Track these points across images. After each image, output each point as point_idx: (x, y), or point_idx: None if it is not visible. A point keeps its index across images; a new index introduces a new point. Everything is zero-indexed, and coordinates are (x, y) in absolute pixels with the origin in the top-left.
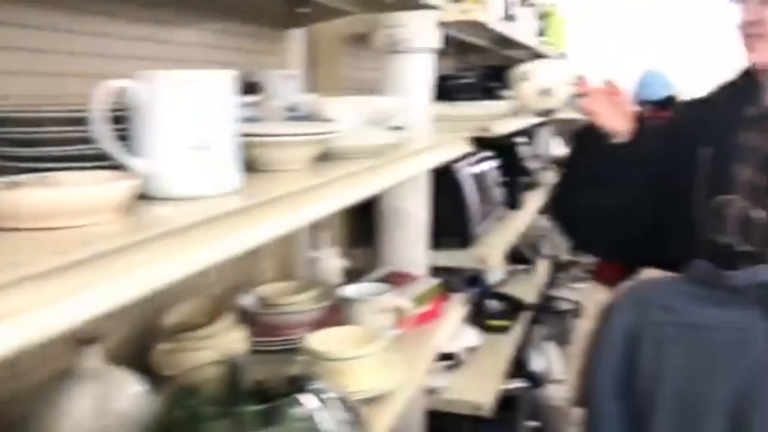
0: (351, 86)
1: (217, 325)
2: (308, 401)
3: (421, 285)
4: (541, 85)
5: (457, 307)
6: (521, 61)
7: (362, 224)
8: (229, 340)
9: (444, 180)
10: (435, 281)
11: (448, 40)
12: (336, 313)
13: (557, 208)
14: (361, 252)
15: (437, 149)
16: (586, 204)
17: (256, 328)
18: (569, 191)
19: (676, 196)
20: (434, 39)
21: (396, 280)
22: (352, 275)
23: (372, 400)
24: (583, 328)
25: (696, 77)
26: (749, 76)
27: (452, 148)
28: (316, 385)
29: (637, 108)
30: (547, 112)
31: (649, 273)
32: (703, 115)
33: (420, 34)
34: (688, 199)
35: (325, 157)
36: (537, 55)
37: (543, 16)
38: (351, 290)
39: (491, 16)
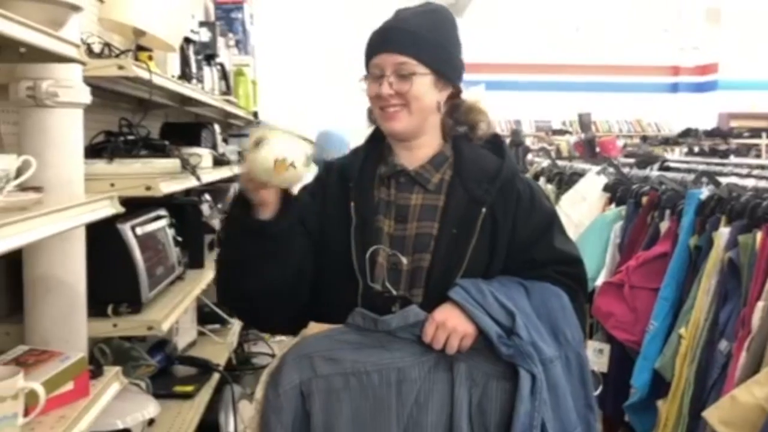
0: None
1: None
2: None
3: (61, 363)
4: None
5: (111, 381)
6: (207, 118)
7: (10, 296)
8: None
9: (108, 242)
10: (78, 357)
11: (121, 95)
12: None
13: (222, 295)
14: (6, 329)
15: (76, 210)
16: (250, 288)
17: None
18: (230, 278)
19: (336, 251)
20: (82, 93)
21: (31, 359)
22: None
23: None
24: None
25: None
26: (379, 140)
27: (97, 208)
28: None
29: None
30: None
31: (313, 327)
32: (346, 175)
33: (65, 88)
34: (346, 252)
35: None
36: (226, 114)
37: (234, 76)
38: None
39: (167, 73)
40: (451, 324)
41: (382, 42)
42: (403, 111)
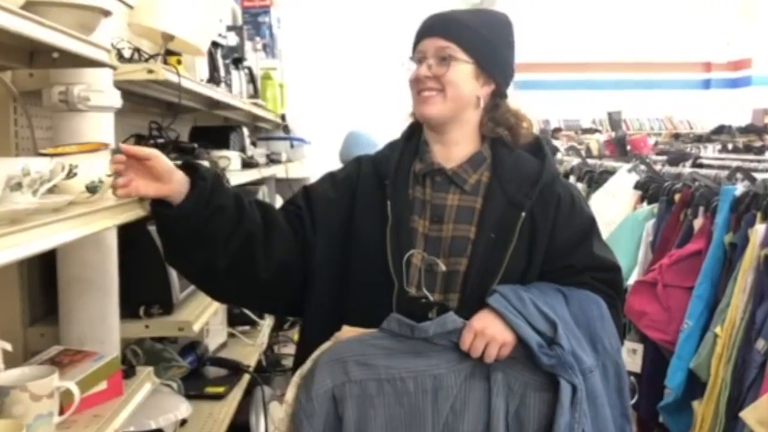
0: (25, 147)
1: None
2: None
3: (95, 363)
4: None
5: (144, 381)
6: (235, 121)
7: (45, 297)
8: None
9: (140, 244)
10: (111, 357)
11: (151, 99)
12: None
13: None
14: (41, 330)
15: (108, 212)
16: (182, 268)
17: None
18: (172, 259)
19: (370, 250)
20: (113, 97)
21: (66, 359)
22: (28, 357)
23: None
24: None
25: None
26: (416, 136)
27: (128, 210)
28: None
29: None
30: None
31: (346, 331)
32: (381, 171)
33: (97, 92)
34: (381, 252)
35: None
36: (254, 117)
37: (262, 79)
38: (4, 377)
39: (195, 77)
40: (489, 332)
41: (427, 28)
42: (439, 96)
